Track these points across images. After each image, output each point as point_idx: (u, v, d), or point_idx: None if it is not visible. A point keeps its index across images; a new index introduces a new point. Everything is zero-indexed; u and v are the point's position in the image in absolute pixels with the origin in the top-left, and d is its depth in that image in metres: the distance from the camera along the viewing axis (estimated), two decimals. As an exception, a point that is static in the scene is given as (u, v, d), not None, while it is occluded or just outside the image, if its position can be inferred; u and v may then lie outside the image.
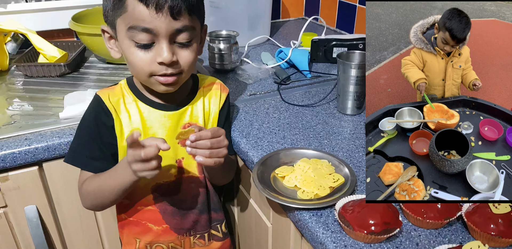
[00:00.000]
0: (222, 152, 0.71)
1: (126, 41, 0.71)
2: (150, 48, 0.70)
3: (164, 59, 0.70)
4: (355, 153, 0.84)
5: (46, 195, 0.92)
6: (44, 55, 1.21)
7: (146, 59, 0.71)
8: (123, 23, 0.69)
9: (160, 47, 0.70)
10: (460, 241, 0.62)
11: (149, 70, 0.72)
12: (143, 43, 0.69)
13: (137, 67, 0.72)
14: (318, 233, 0.64)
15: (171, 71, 0.72)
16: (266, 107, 1.02)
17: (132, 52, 0.71)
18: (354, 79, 0.94)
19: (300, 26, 1.36)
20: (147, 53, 0.71)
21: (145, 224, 0.85)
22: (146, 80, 0.74)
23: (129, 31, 0.69)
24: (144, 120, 0.80)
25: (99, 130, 0.78)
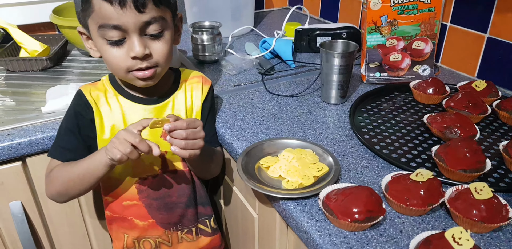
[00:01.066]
0: (198, 143, 0.70)
1: (98, 40, 0.72)
2: (122, 44, 0.71)
3: (137, 53, 0.70)
4: (339, 141, 0.84)
5: (31, 190, 0.91)
6: (26, 49, 1.19)
7: (119, 55, 0.72)
8: (93, 22, 0.70)
9: (131, 42, 0.70)
10: (443, 227, 0.63)
11: (125, 66, 0.72)
12: (114, 39, 0.70)
13: (113, 64, 0.73)
14: (303, 222, 0.64)
15: (146, 64, 0.73)
16: (250, 98, 1.01)
17: (105, 50, 0.72)
18: (337, 68, 0.94)
19: (284, 16, 1.35)
20: (119, 50, 0.71)
21: (130, 219, 0.85)
22: (124, 76, 0.75)
23: (100, 30, 0.70)
24: (125, 114, 0.80)
25: (78, 121, 0.79)
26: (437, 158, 0.74)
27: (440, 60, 1.19)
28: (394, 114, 0.94)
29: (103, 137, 0.80)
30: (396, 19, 1.03)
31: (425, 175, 0.65)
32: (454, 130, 0.81)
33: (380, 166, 0.76)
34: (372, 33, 1.05)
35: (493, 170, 0.75)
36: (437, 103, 0.98)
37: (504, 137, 0.85)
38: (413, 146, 0.82)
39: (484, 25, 1.05)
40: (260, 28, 1.50)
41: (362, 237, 0.61)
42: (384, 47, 1.06)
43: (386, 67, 1.07)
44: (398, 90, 1.05)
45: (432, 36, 1.05)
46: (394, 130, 0.88)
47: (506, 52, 1.02)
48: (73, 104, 0.81)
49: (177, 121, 0.68)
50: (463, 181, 0.71)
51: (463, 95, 0.91)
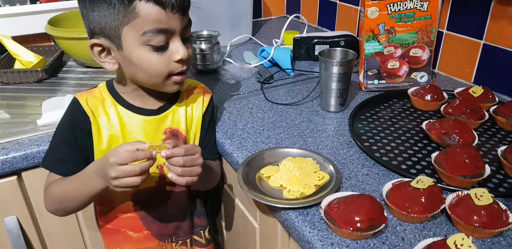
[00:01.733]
0: (195, 170, 0.70)
1: (138, 48, 0.69)
2: (165, 50, 0.71)
3: (183, 56, 0.72)
4: (339, 149, 0.84)
5: (27, 205, 0.90)
6: (21, 61, 1.18)
7: (163, 61, 0.71)
8: (133, 30, 0.68)
9: (175, 45, 0.71)
10: (444, 233, 0.63)
11: (168, 71, 0.72)
12: (161, 45, 0.70)
13: (155, 71, 0.72)
14: (305, 232, 0.64)
15: (185, 67, 0.74)
16: (250, 107, 1.01)
17: (148, 57, 0.70)
18: (336, 76, 0.94)
19: (282, 24, 1.36)
20: (162, 55, 0.71)
21: (124, 231, 0.84)
22: (161, 83, 0.74)
23: (144, 36, 0.68)
24: (124, 124, 0.79)
25: (74, 132, 0.77)
26: (437, 164, 0.74)
27: (437, 67, 1.20)
28: (393, 121, 0.94)
29: (101, 148, 0.78)
30: (394, 27, 1.04)
31: (426, 181, 0.65)
32: (452, 136, 0.81)
33: (380, 174, 0.76)
34: (370, 41, 1.05)
35: (492, 175, 0.75)
36: (435, 110, 0.99)
37: (502, 142, 0.86)
38: (412, 152, 0.82)
39: (480, 32, 1.06)
40: (258, 37, 1.51)
41: (364, 245, 0.60)
42: (382, 54, 1.07)
43: (384, 74, 1.08)
44: (397, 97, 1.05)
45: (429, 43, 1.06)
46: (393, 136, 0.88)
47: (502, 58, 1.02)
48: (69, 114, 0.78)
49: (174, 149, 0.67)
50: (463, 187, 0.71)
51: (460, 101, 0.91)
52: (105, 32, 0.70)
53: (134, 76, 0.74)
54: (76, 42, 1.15)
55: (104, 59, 0.74)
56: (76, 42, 1.15)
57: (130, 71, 0.73)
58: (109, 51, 0.72)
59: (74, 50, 1.19)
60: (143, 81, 0.75)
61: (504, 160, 0.76)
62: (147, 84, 0.76)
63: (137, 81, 0.76)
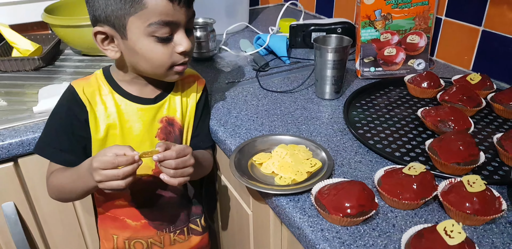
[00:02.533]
0: (187, 171, 0.70)
1: (143, 38, 0.70)
2: (169, 41, 0.71)
3: (186, 48, 0.72)
4: (333, 137, 0.83)
5: (24, 191, 0.91)
6: (18, 49, 1.18)
7: (167, 52, 0.72)
8: (139, 20, 0.68)
9: (179, 37, 0.72)
10: (436, 220, 0.63)
11: (171, 62, 0.73)
12: (166, 36, 0.70)
13: (158, 61, 0.72)
14: (295, 218, 0.63)
15: (188, 58, 0.75)
16: (244, 95, 1.01)
17: (152, 48, 0.71)
18: (331, 63, 0.93)
19: (279, 12, 1.34)
20: (166, 46, 0.71)
21: (122, 219, 0.85)
22: (163, 73, 0.75)
23: (150, 27, 0.68)
24: (122, 113, 0.79)
25: (71, 121, 0.77)
26: (431, 151, 0.73)
27: (435, 54, 1.18)
28: (389, 109, 0.94)
29: (98, 137, 0.78)
30: (390, 13, 1.02)
31: (418, 168, 0.65)
32: (448, 123, 0.80)
33: (373, 161, 0.76)
34: (366, 27, 1.04)
35: (487, 162, 0.74)
36: (432, 97, 0.98)
37: (499, 130, 0.85)
38: (407, 140, 0.82)
39: (479, 18, 1.04)
40: (255, 25, 1.50)
41: (354, 231, 0.60)
42: (378, 41, 1.05)
43: (381, 61, 1.06)
44: (393, 85, 1.04)
45: (427, 30, 1.04)
46: (388, 124, 0.87)
47: (501, 45, 1.01)
48: (65, 102, 0.77)
49: (166, 152, 0.67)
50: (457, 174, 0.70)
51: (457, 88, 0.90)
52: (110, 21, 0.69)
53: (136, 65, 0.74)
54: (73, 30, 1.14)
55: (107, 47, 0.73)
56: (72, 30, 1.15)
57: (132, 60, 0.73)
58: (112, 39, 0.72)
59: (70, 38, 1.18)
60: (145, 71, 0.75)
61: (500, 148, 0.75)
62: (148, 74, 0.77)
63: (139, 70, 0.76)
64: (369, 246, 0.58)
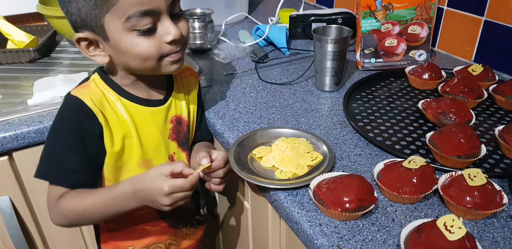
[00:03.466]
0: (229, 176, 0.73)
1: (125, 35, 0.63)
2: (154, 32, 0.65)
3: (175, 36, 0.65)
4: (332, 129, 0.82)
5: (19, 185, 0.90)
6: (13, 41, 1.17)
7: (153, 44, 0.65)
8: (115, 17, 0.62)
9: (165, 25, 0.65)
10: (436, 215, 0.62)
11: (159, 54, 0.66)
12: (148, 27, 0.63)
13: (145, 55, 0.65)
14: (293, 212, 0.63)
15: (180, 46, 0.68)
16: (243, 87, 0.99)
17: (136, 43, 0.64)
18: (331, 54, 0.91)
19: (279, 2, 1.32)
20: (151, 39, 0.65)
21: (141, 228, 0.80)
22: (155, 66, 0.68)
23: (127, 22, 0.62)
24: (135, 119, 0.73)
25: (83, 138, 0.68)
26: (431, 144, 0.72)
27: (437, 44, 1.16)
28: (389, 101, 0.92)
29: (114, 149, 0.71)
30: (391, 3, 1.01)
31: (418, 162, 0.64)
32: (449, 116, 0.79)
33: (373, 154, 0.75)
34: (366, 18, 1.02)
35: (488, 155, 0.73)
36: (433, 89, 0.96)
37: (501, 122, 0.84)
38: (407, 132, 0.81)
39: (481, 8, 1.02)
40: (254, 15, 1.48)
41: (353, 226, 0.59)
42: (379, 32, 1.03)
43: (382, 53, 1.05)
44: (394, 76, 1.03)
45: (428, 20, 1.02)
46: (388, 116, 0.86)
47: (503, 35, 0.99)
48: (72, 116, 0.68)
49: (215, 163, 0.70)
50: (458, 167, 0.69)
51: (459, 80, 0.89)
52: (87, 25, 0.64)
53: (127, 65, 0.68)
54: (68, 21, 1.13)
55: (93, 52, 0.68)
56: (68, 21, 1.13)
57: (121, 60, 0.68)
58: (97, 44, 0.67)
59: (66, 29, 1.16)
60: (137, 68, 0.69)
61: (501, 140, 0.74)
62: (143, 71, 0.70)
63: (132, 69, 0.70)
64: (368, 241, 0.57)
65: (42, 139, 0.86)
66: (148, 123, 0.74)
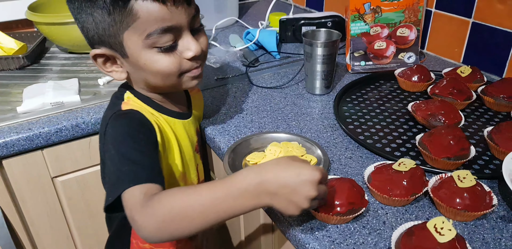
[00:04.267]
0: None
1: (144, 52, 0.61)
2: (175, 49, 0.63)
3: (196, 52, 0.63)
4: (323, 133, 0.82)
5: (9, 193, 0.89)
6: (2, 47, 1.16)
7: (174, 61, 0.63)
8: (134, 34, 0.60)
9: (185, 41, 0.63)
10: (427, 217, 0.62)
11: (180, 71, 0.64)
12: (169, 45, 0.61)
13: (165, 73, 0.63)
14: (285, 216, 0.62)
15: (200, 62, 0.66)
16: (234, 91, 0.99)
17: (157, 60, 0.62)
18: (321, 58, 0.92)
19: (269, 6, 1.33)
20: (171, 55, 0.63)
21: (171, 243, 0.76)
22: (175, 82, 0.66)
23: (148, 39, 0.60)
24: (176, 133, 0.72)
25: (154, 141, 0.64)
26: (421, 146, 0.73)
27: (425, 47, 1.17)
28: (379, 103, 0.93)
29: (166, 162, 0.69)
30: (380, 6, 1.01)
31: (408, 164, 0.64)
32: (438, 117, 0.80)
33: (364, 157, 0.75)
34: (355, 21, 1.03)
35: (477, 156, 0.74)
36: (422, 91, 0.97)
37: (490, 123, 0.84)
38: (397, 135, 0.81)
39: (469, 10, 1.03)
40: (245, 20, 1.48)
41: (344, 229, 0.60)
42: (368, 35, 1.04)
43: (371, 55, 1.05)
44: (383, 79, 1.03)
45: (416, 22, 1.03)
46: (378, 119, 0.86)
47: (491, 37, 1.00)
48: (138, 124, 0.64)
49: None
50: (448, 169, 0.70)
51: (447, 81, 0.89)
52: (104, 41, 0.62)
53: (147, 81, 0.66)
54: (58, 27, 1.12)
55: (110, 69, 0.66)
56: (57, 27, 1.12)
57: (141, 77, 0.66)
58: (114, 60, 0.65)
59: (55, 35, 1.16)
60: (157, 85, 0.67)
61: (490, 141, 0.74)
62: (162, 88, 0.68)
63: (151, 86, 0.68)
64: (359, 244, 0.57)
65: (31, 146, 0.85)
66: (183, 135, 0.73)
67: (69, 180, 0.94)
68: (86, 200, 0.98)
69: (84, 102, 0.94)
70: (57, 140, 0.87)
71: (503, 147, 0.72)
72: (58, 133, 0.87)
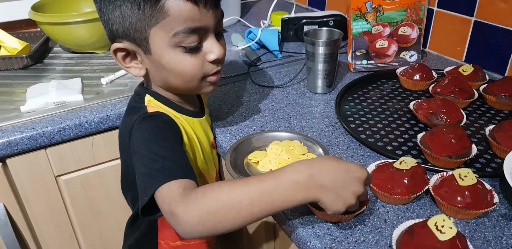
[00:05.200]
0: None
1: (169, 51, 0.62)
2: (199, 50, 0.63)
3: (219, 55, 0.64)
4: (325, 131, 0.82)
5: (13, 191, 0.90)
6: (5, 47, 1.17)
7: (197, 62, 0.63)
8: (162, 31, 0.60)
9: (210, 44, 0.63)
10: (428, 215, 0.62)
11: (202, 73, 0.65)
12: (194, 45, 0.62)
13: (189, 74, 0.64)
14: (286, 214, 0.63)
15: (220, 66, 0.67)
16: (235, 90, 1.00)
17: (180, 60, 0.62)
18: (322, 57, 0.92)
19: (271, 5, 1.33)
20: (195, 57, 0.63)
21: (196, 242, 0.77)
22: (196, 86, 0.67)
23: (174, 37, 0.60)
24: (196, 132, 0.73)
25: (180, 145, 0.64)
26: (423, 145, 0.73)
27: (428, 45, 1.17)
28: (381, 102, 0.93)
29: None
30: (381, 5, 1.01)
31: (409, 162, 0.64)
32: (440, 116, 0.80)
33: (365, 155, 0.75)
34: (357, 20, 1.03)
35: (479, 155, 0.74)
36: (424, 90, 0.97)
37: (491, 121, 0.84)
38: (399, 133, 0.81)
39: (471, 9, 1.03)
40: (246, 19, 1.48)
41: (346, 228, 0.60)
42: (370, 34, 1.04)
43: (373, 54, 1.05)
44: (385, 78, 1.03)
45: (418, 21, 1.03)
46: (380, 118, 0.87)
47: (493, 35, 1.00)
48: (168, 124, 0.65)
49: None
50: (449, 168, 0.70)
51: (449, 80, 0.89)
52: (129, 35, 0.62)
53: (166, 81, 0.66)
54: (61, 27, 1.13)
55: (129, 64, 0.66)
56: (60, 27, 1.13)
57: (161, 76, 0.66)
58: (135, 55, 0.65)
59: (58, 35, 1.16)
60: (176, 86, 0.67)
61: (492, 140, 0.74)
62: (181, 89, 0.68)
63: (170, 86, 0.68)
64: (360, 242, 0.57)
65: (35, 145, 0.86)
66: (202, 134, 0.74)
67: (72, 179, 0.94)
68: (89, 199, 0.98)
69: (87, 102, 0.95)
70: (61, 139, 0.88)
71: (504, 145, 0.72)
72: (62, 132, 0.87)
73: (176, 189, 0.53)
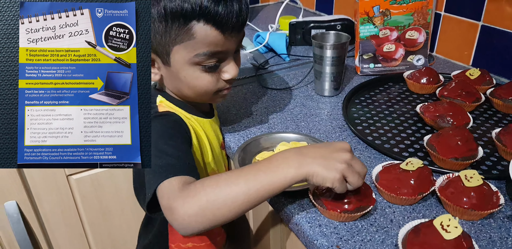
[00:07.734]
0: None
1: (187, 67, 0.65)
2: (216, 68, 0.66)
3: (234, 76, 0.68)
4: (332, 133, 0.83)
5: (26, 190, 0.92)
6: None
7: (213, 80, 0.67)
8: (184, 50, 0.63)
9: (227, 64, 0.67)
10: (434, 215, 0.63)
11: (215, 89, 0.69)
12: (213, 64, 0.65)
13: (203, 89, 0.68)
14: (294, 214, 0.64)
15: (232, 81, 0.71)
16: (244, 93, 1.01)
17: (197, 76, 0.66)
18: (330, 60, 0.93)
19: (279, 9, 1.34)
20: (213, 74, 0.67)
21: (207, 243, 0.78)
22: (209, 98, 0.71)
23: (196, 57, 0.63)
24: (206, 132, 0.75)
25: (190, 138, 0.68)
26: (429, 147, 0.73)
27: (435, 49, 1.18)
28: (388, 105, 0.94)
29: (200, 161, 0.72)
30: (389, 9, 1.02)
31: (415, 163, 0.65)
32: (446, 119, 0.80)
33: (372, 157, 0.76)
34: (364, 24, 1.04)
35: (485, 157, 0.75)
36: (431, 93, 0.98)
37: (498, 125, 0.85)
38: (406, 136, 0.82)
39: (478, 13, 1.04)
40: (255, 23, 1.50)
41: (352, 227, 0.61)
42: (377, 38, 1.05)
43: (380, 58, 1.06)
44: (392, 81, 1.04)
45: (425, 25, 1.04)
46: (387, 120, 0.87)
47: (500, 40, 1.01)
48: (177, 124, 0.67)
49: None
50: (455, 169, 0.71)
51: (456, 84, 0.90)
52: (152, 45, 0.62)
53: (180, 90, 0.70)
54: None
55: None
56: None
57: (175, 86, 0.69)
58: (153, 62, 0.67)
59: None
60: (188, 96, 0.71)
61: (498, 142, 0.75)
62: (192, 99, 0.72)
63: (182, 95, 0.71)
64: (366, 241, 0.58)
65: (47, 144, 0.87)
66: (212, 135, 0.76)
67: (83, 178, 0.96)
68: (99, 198, 1.00)
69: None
70: (72, 139, 0.90)
71: (511, 148, 0.72)
72: (73, 132, 0.89)
73: (176, 184, 0.55)
